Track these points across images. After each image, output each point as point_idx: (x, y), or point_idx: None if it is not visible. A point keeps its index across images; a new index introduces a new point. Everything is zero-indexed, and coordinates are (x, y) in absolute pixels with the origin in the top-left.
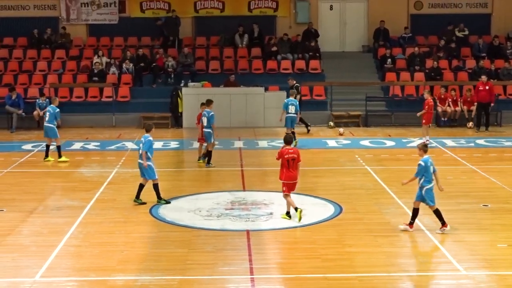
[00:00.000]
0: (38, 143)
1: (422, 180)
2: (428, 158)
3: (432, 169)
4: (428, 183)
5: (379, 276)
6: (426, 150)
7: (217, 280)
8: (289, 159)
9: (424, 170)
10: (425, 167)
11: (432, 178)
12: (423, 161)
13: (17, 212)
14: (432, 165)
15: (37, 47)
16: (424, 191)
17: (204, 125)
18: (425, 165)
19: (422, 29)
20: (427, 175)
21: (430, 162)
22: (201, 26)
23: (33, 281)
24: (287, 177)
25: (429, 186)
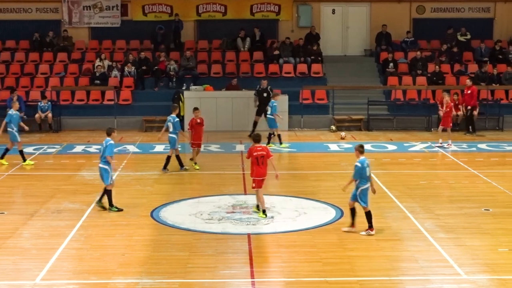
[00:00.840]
0: (40, 146)
1: (358, 181)
2: (365, 160)
3: (368, 170)
4: (363, 184)
5: (380, 280)
6: (362, 151)
7: (218, 284)
8: (258, 156)
9: (361, 171)
10: (361, 168)
11: (369, 179)
12: (359, 162)
13: (18, 215)
14: (368, 167)
15: (39, 50)
16: (359, 191)
17: (169, 130)
18: (361, 166)
19: (424, 33)
20: (363, 176)
21: (367, 164)
22: (203, 29)
23: (33, 284)
24: (258, 174)
25: (365, 187)
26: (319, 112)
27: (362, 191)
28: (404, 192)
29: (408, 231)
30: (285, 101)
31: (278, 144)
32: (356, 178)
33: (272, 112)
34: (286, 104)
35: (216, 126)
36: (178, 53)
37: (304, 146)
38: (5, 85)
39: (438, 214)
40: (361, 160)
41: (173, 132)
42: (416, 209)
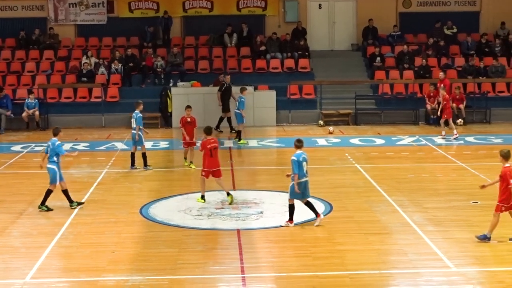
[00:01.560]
0: (27, 144)
1: (293, 175)
2: (301, 154)
3: (305, 164)
4: (299, 178)
5: (370, 274)
6: (298, 146)
7: (208, 280)
8: (211, 148)
9: (298, 165)
10: (298, 162)
11: (305, 173)
12: (295, 156)
13: (6, 213)
14: (305, 161)
15: (25, 48)
16: (291, 184)
17: (132, 127)
18: (297, 159)
19: (411, 27)
20: (301, 170)
21: (303, 158)
22: (190, 25)
23: (23, 282)
24: (210, 165)
25: (301, 181)
26: (307, 107)
27: (299, 184)
28: (393, 186)
29: (397, 225)
30: (272, 97)
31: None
32: (296, 172)
33: (239, 107)
34: (274, 100)
35: (203, 122)
36: (165, 50)
37: (292, 141)
38: None
39: (427, 207)
40: (297, 154)
41: (135, 129)
42: (404, 203)
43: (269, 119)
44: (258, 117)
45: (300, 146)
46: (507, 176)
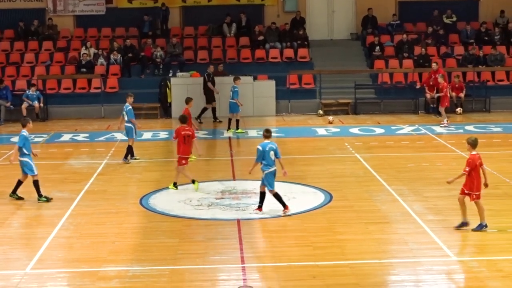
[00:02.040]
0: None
1: (262, 165)
2: (267, 143)
3: (274, 154)
4: (267, 168)
5: (370, 263)
6: (266, 136)
7: (208, 270)
8: (185, 135)
9: (262, 154)
10: (262, 151)
11: (273, 162)
12: (260, 146)
13: (7, 204)
14: (273, 150)
15: (24, 39)
16: (263, 175)
17: (124, 120)
18: (262, 149)
19: (410, 16)
20: (266, 159)
21: (270, 147)
22: (189, 15)
23: (24, 273)
24: (184, 152)
25: (269, 171)
26: (306, 97)
27: (266, 174)
28: (392, 175)
29: (397, 214)
30: (272, 86)
31: (235, 129)
32: (258, 161)
33: (233, 96)
34: (273, 89)
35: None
36: (164, 40)
37: (291, 131)
38: None
39: (427, 196)
40: (263, 144)
41: (127, 121)
42: (404, 192)
43: (268, 109)
44: (258, 107)
45: (269, 136)
46: (467, 163)
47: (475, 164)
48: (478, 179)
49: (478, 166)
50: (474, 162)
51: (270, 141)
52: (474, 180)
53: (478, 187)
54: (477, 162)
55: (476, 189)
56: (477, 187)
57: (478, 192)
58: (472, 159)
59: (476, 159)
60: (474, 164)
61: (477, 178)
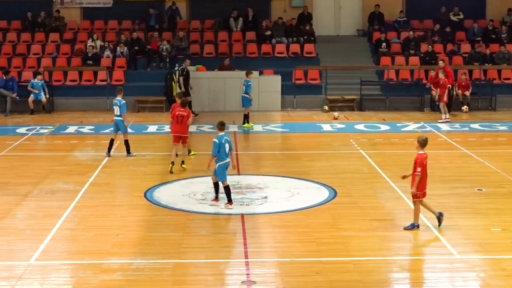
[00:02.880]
0: (32, 126)
1: (216, 157)
2: (223, 136)
3: (228, 147)
4: (220, 160)
5: (374, 260)
6: (221, 128)
7: (211, 264)
8: (178, 115)
9: (218, 147)
10: (218, 144)
11: (227, 155)
12: (217, 139)
13: (11, 195)
14: (228, 143)
15: (31, 30)
16: (216, 166)
17: (115, 114)
18: (218, 142)
19: (417, 13)
20: (221, 152)
21: (225, 140)
22: (195, 9)
23: (28, 264)
24: (176, 130)
25: (222, 163)
26: (312, 92)
27: (219, 166)
28: (397, 172)
29: (401, 211)
30: (278, 81)
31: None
32: (214, 154)
33: (246, 90)
34: (279, 84)
35: (208, 106)
36: (170, 33)
37: (296, 126)
38: None
39: (431, 194)
40: (218, 137)
41: (119, 115)
42: (409, 189)
43: (274, 104)
44: (263, 102)
45: (223, 129)
46: (416, 164)
47: (423, 164)
48: (424, 178)
49: (425, 165)
50: (422, 162)
51: (225, 134)
52: (420, 179)
53: (423, 186)
54: (424, 161)
55: (421, 188)
56: (422, 186)
57: (422, 191)
58: (420, 158)
59: (424, 158)
60: (423, 164)
61: (423, 178)
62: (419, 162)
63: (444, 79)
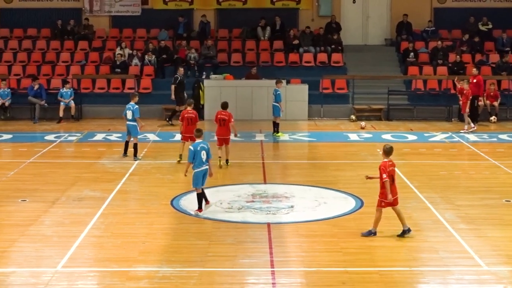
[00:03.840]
0: (61, 134)
1: (193, 165)
2: (199, 143)
3: (204, 154)
4: (196, 167)
5: (400, 271)
6: (198, 135)
7: (237, 272)
8: (220, 119)
9: (194, 154)
10: (194, 151)
11: (203, 162)
12: (192, 146)
13: (39, 202)
14: (204, 150)
15: (60, 38)
16: (192, 174)
17: (128, 119)
18: (194, 149)
19: (446, 22)
20: (197, 159)
21: (201, 147)
22: (223, 18)
23: (55, 271)
24: (218, 133)
25: (198, 170)
26: (339, 102)
27: (195, 173)
28: (424, 183)
29: (428, 222)
30: (305, 91)
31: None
32: (190, 161)
33: (277, 100)
34: (306, 94)
35: (235, 115)
36: (198, 42)
37: (323, 135)
38: (27, 73)
39: (459, 205)
40: (194, 144)
41: (132, 120)
42: (436, 200)
43: (301, 113)
44: (290, 111)
45: (199, 136)
46: (380, 171)
47: (388, 171)
48: (392, 186)
49: (389, 173)
50: (386, 169)
51: (202, 141)
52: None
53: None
54: (389, 169)
55: (385, 196)
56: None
57: (387, 199)
58: (384, 165)
59: (388, 165)
60: (387, 171)
61: (391, 186)
62: (382, 169)
63: (467, 89)
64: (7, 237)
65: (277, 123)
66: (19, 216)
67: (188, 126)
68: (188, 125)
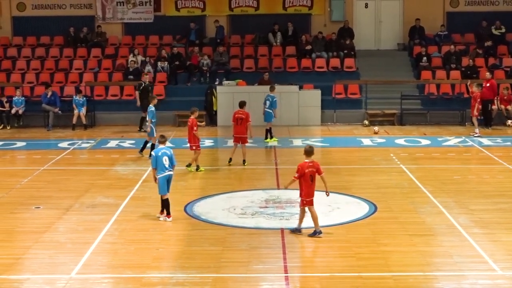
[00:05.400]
0: (74, 141)
1: (156, 171)
2: (160, 149)
3: (167, 159)
4: (159, 173)
5: (414, 276)
6: (161, 141)
7: (251, 278)
8: (237, 118)
9: (155, 160)
10: (155, 157)
11: (166, 168)
12: (154, 152)
13: (53, 209)
14: (166, 156)
15: (73, 45)
16: (156, 180)
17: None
18: (155, 155)
19: (458, 27)
20: (159, 165)
21: (162, 153)
22: (235, 24)
23: (69, 277)
24: (235, 131)
25: (161, 176)
26: (352, 107)
27: (159, 179)
28: (438, 187)
29: (442, 226)
30: (318, 96)
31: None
32: (153, 166)
33: (272, 106)
34: (319, 99)
35: None
36: (210, 48)
37: (337, 140)
38: (40, 80)
39: (473, 209)
40: (156, 150)
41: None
42: (450, 204)
43: (314, 119)
44: (303, 116)
45: (163, 142)
46: (297, 170)
47: (304, 171)
48: (307, 186)
49: (307, 174)
50: (302, 169)
51: (165, 147)
52: (303, 186)
53: (307, 193)
54: (306, 170)
55: (304, 195)
56: (305, 193)
57: (308, 198)
58: (301, 166)
59: (306, 166)
60: (303, 171)
61: (305, 185)
62: (299, 169)
63: (477, 92)
64: (22, 244)
65: (268, 129)
66: (33, 223)
67: (238, 126)
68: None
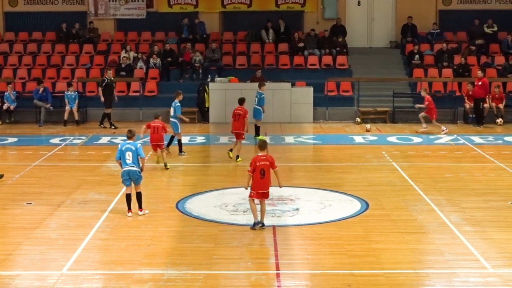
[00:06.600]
0: (66, 137)
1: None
2: (125, 143)
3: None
4: (122, 166)
5: (406, 273)
6: (129, 136)
7: (243, 275)
8: (236, 114)
9: (119, 153)
10: (119, 150)
11: (128, 163)
12: (120, 145)
13: (44, 205)
14: (130, 150)
15: (65, 41)
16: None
17: (171, 115)
18: (120, 148)
19: (451, 25)
20: (122, 159)
21: (126, 148)
22: (228, 21)
23: (60, 274)
24: (233, 127)
25: (122, 170)
26: (344, 104)
27: (121, 173)
28: (430, 185)
29: (434, 224)
30: (310, 93)
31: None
32: (117, 159)
33: (260, 103)
34: (311, 96)
35: None
36: (203, 45)
37: (329, 138)
38: (32, 76)
39: (464, 207)
40: (121, 144)
41: (173, 117)
42: (441, 202)
43: (306, 116)
44: (295, 113)
45: (130, 137)
46: (250, 164)
47: (256, 165)
48: (257, 179)
49: (258, 167)
50: (254, 163)
51: (132, 142)
52: (253, 179)
53: (255, 186)
54: (257, 163)
55: (253, 187)
56: (254, 186)
57: (255, 191)
58: (253, 160)
59: (258, 160)
60: (255, 165)
61: (255, 179)
62: (251, 162)
63: (427, 96)
64: (13, 240)
65: (258, 126)
66: (24, 219)
67: (235, 122)
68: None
